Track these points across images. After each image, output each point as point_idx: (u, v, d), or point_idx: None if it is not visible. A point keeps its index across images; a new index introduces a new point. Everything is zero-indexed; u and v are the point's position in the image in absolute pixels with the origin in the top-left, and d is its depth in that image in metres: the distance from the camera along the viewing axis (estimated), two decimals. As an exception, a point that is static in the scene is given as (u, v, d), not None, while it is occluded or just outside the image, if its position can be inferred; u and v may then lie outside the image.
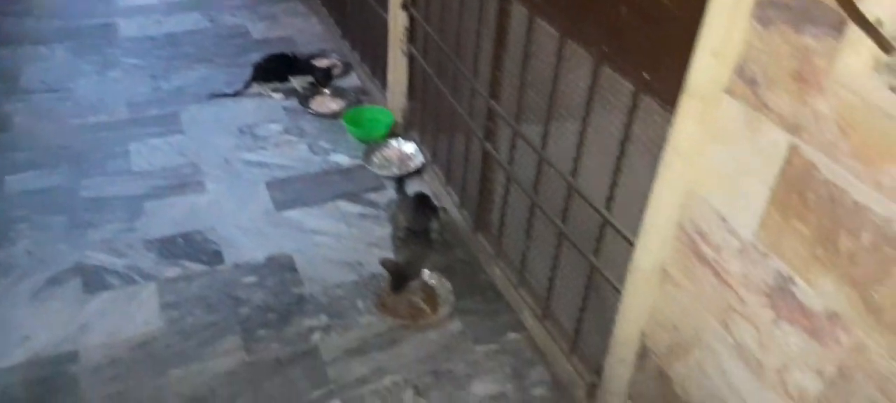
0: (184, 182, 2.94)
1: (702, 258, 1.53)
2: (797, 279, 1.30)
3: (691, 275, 1.57)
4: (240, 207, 2.82)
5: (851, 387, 1.26)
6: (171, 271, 2.51)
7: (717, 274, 1.50)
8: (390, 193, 2.90)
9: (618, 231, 1.82)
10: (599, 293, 2.02)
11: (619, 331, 1.87)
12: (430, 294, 2.50)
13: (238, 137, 3.23)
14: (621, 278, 1.81)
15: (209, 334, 2.29)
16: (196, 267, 2.54)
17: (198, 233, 2.68)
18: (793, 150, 1.25)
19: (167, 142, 3.18)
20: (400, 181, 2.83)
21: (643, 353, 1.85)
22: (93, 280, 2.44)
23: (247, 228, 2.72)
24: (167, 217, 2.75)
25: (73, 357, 2.18)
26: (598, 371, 2.04)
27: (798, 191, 1.25)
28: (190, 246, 2.62)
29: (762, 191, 1.33)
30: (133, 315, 2.33)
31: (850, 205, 1.16)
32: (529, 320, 2.38)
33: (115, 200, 2.82)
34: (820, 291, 1.26)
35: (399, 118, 3.25)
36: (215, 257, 2.58)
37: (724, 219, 1.44)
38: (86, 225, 2.68)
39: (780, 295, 1.35)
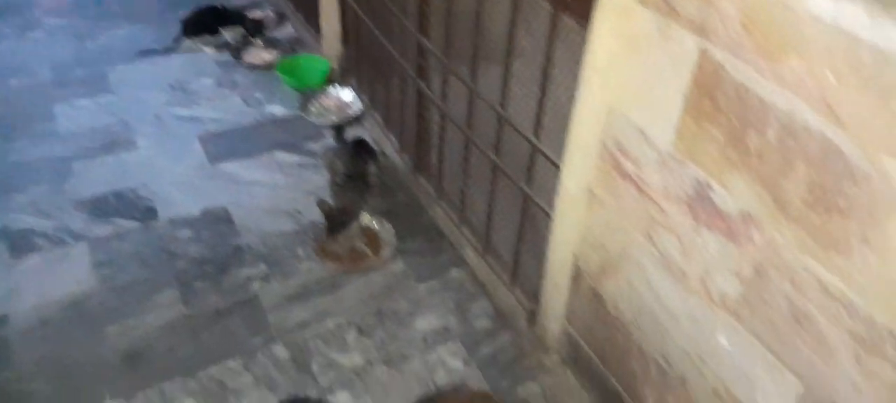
0: (114, 141, 2.85)
1: (624, 174, 1.54)
2: (713, 183, 1.33)
3: (615, 193, 1.59)
4: (173, 163, 2.76)
5: (766, 284, 1.29)
6: (103, 230, 2.44)
7: (639, 188, 1.52)
8: (328, 141, 2.86)
9: (546, 157, 1.82)
10: (534, 222, 2.04)
11: (552, 256, 1.89)
12: (372, 237, 2.49)
13: (169, 93, 3.14)
14: (552, 204, 1.82)
15: (145, 289, 2.25)
16: (129, 224, 2.47)
17: (130, 191, 2.61)
18: (702, 54, 1.26)
19: (95, 103, 3.07)
20: (338, 129, 2.80)
21: (577, 276, 1.88)
22: (20, 243, 2.36)
23: (181, 183, 2.66)
24: (97, 176, 2.67)
25: (2, 321, 2.11)
26: (537, 298, 2.07)
27: (709, 94, 1.27)
28: (122, 204, 2.55)
29: (676, 99, 1.34)
30: (64, 275, 2.27)
31: (756, 103, 1.18)
32: (471, 256, 2.40)
33: (41, 163, 2.72)
34: (733, 193, 1.29)
35: (335, 65, 3.19)
36: (149, 213, 2.52)
37: (642, 132, 1.45)
38: (11, 190, 2.58)
39: (699, 201, 1.38)
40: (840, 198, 1.09)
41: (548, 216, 1.88)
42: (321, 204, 2.36)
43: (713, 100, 1.26)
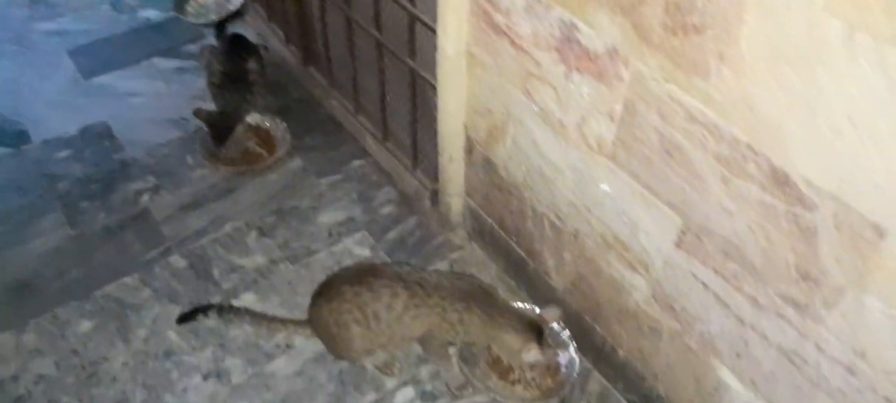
0: (-29, 65, 2.63)
1: (497, 28, 1.49)
2: (578, 22, 1.29)
3: (491, 50, 1.54)
4: (42, 81, 2.56)
5: (637, 121, 1.28)
6: (-30, 161, 2.28)
7: (512, 41, 1.47)
8: (209, 41, 2.69)
9: (424, 23, 1.74)
10: (425, 98, 1.97)
11: (443, 129, 1.85)
12: (265, 137, 2.39)
13: (29, 8, 2.89)
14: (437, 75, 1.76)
15: (25, 217, 2.12)
16: (-1, 151, 2.31)
17: (-5, 116, 2.43)
18: None
19: (-57, 25, 2.81)
20: (220, 26, 2.62)
21: (469, 146, 1.85)
22: None
23: (53, 102, 2.48)
24: (-44, 105, 2.47)
25: None
26: (438, 177, 2.04)
27: (565, -74, 1.21)
28: (-12, 131, 2.37)
29: (536, -63, 1.28)
30: (-69, 213, 2.11)
31: (609, -73, 1.13)
32: (371, 145, 2.34)
33: None
34: (598, 29, 1.26)
35: (210, -40, 2.98)
36: (20, 137, 2.35)
37: (508, -21, 1.39)
38: None
39: (567, 45, 1.34)
40: (695, 15, 1.07)
41: (435, 89, 1.82)
42: (198, 112, 2.24)
43: (570, -69, 1.20)
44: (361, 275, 1.60)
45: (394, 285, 1.57)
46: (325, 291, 1.65)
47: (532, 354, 1.55)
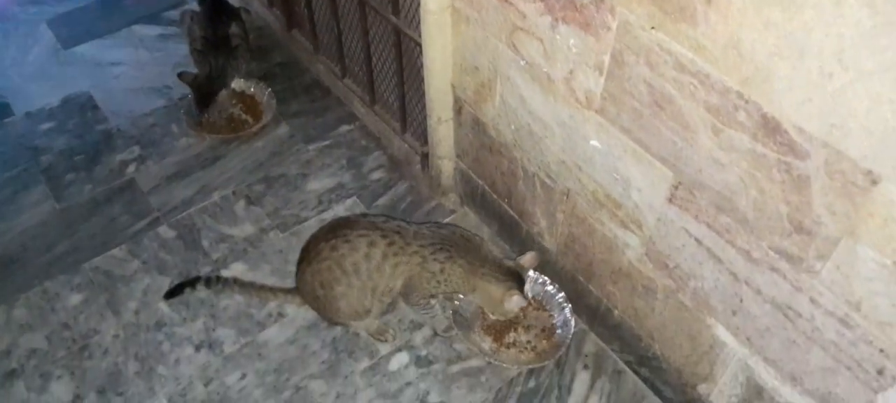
0: (-53, 39, 2.58)
1: (480, -20, 1.44)
2: (562, -29, 1.24)
3: (476, 3, 1.49)
4: (21, 53, 2.51)
5: (626, 72, 1.24)
6: (-49, 136, 2.24)
7: (496, -7, 1.42)
8: (191, 7, 2.62)
9: (407, -21, 1.70)
10: (411, 58, 1.93)
11: (430, 89, 1.80)
12: (249, 103, 2.35)
13: (7, -22, 2.82)
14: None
15: (9, 191, 2.09)
16: (-21, 125, 2.27)
17: (-26, 90, 2.38)
18: None
19: (-78, -1, 2.74)
20: (202, -9, 2.56)
21: (458, 107, 1.81)
22: None
23: (33, 73, 2.44)
24: (-66, 80, 2.42)
25: None
26: (427, 140, 2.00)
27: None
28: (-32, 106, 2.33)
29: None
30: (-88, 190, 2.08)
31: None
32: (360, 109, 2.29)
33: None
34: (583, -22, 1.21)
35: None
36: (2, 110, 2.31)
37: (489, -73, 1.34)
38: None
39: (552, -5, 1.29)
40: (681, -41, 1.02)
41: (420, 47, 1.77)
42: (183, 76, 2.19)
43: None
44: (337, 229, 1.57)
45: (370, 233, 1.54)
46: (306, 255, 1.63)
47: (514, 301, 1.54)
